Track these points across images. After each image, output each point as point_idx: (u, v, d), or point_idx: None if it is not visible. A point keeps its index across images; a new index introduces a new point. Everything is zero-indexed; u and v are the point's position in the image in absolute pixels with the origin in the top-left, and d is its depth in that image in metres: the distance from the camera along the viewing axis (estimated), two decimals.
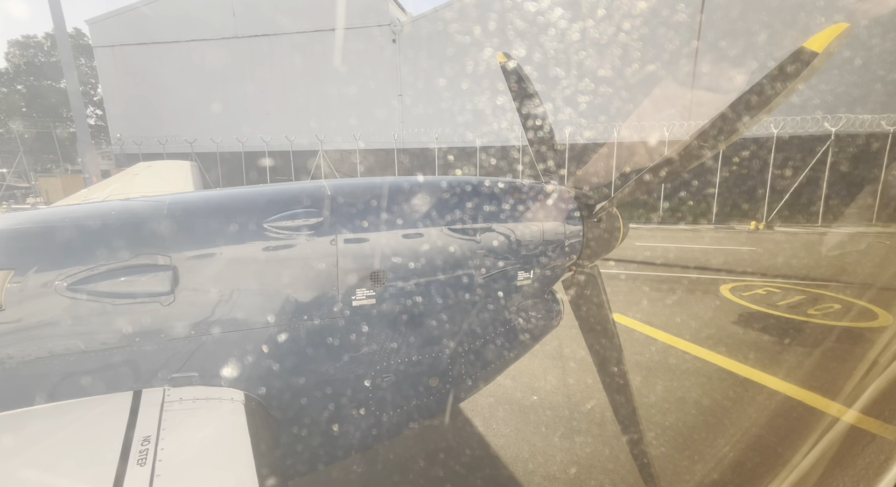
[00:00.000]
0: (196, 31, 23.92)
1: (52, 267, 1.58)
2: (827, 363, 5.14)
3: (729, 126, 1.74)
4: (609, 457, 3.59)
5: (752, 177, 17.40)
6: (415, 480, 3.44)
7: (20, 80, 37.69)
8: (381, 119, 22.27)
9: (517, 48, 19.36)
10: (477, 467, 3.55)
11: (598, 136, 18.77)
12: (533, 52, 19.18)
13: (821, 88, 16.14)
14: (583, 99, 19.34)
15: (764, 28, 16.96)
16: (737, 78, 17.02)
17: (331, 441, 2.03)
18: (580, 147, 18.89)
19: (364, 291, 1.93)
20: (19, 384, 1.57)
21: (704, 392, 4.52)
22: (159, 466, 1.22)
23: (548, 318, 2.44)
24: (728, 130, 1.75)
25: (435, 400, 2.19)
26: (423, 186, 2.16)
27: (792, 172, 16.64)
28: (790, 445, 3.58)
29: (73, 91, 15.41)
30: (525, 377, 4.95)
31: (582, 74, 19.22)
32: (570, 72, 19.09)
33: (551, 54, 19.00)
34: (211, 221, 1.81)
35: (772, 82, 1.59)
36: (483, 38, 20.18)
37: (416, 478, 3.45)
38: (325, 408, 1.95)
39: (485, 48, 20.21)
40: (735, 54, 17.44)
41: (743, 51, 17.40)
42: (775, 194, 16.73)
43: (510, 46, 19.64)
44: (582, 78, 19.26)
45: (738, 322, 6.42)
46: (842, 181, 16.47)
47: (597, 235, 2.40)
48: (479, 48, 20.27)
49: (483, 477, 3.45)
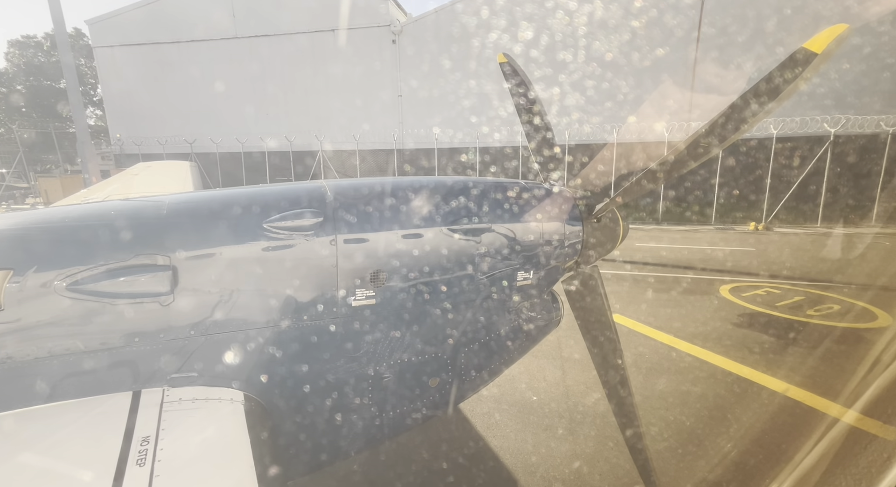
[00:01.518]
0: (196, 31, 23.91)
1: (51, 267, 1.58)
2: (827, 363, 5.14)
3: (728, 127, 1.74)
4: (608, 456, 3.59)
5: (752, 178, 17.41)
6: (414, 480, 3.44)
7: (20, 80, 37.68)
8: (380, 119, 22.29)
9: (517, 49, 19.38)
10: (477, 467, 3.55)
11: (597, 136, 18.78)
12: (533, 53, 19.19)
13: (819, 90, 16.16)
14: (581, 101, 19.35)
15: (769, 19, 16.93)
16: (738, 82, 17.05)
17: (330, 442, 2.02)
18: (580, 148, 18.90)
19: (364, 291, 1.92)
20: (18, 385, 1.57)
21: (704, 393, 4.52)
22: (158, 466, 1.22)
23: (547, 318, 2.44)
24: (727, 131, 1.75)
25: (434, 400, 2.19)
26: (423, 186, 2.15)
27: (791, 173, 16.65)
28: (790, 446, 3.58)
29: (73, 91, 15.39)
30: (525, 377, 4.95)
31: (582, 76, 19.24)
32: (571, 72, 19.10)
33: (551, 54, 19.02)
34: (210, 221, 1.81)
35: (771, 83, 1.59)
36: (483, 39, 20.21)
37: (416, 478, 3.45)
38: (325, 408, 1.94)
39: (485, 49, 20.23)
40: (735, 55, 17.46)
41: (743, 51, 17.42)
42: (775, 194, 16.74)
43: (510, 47, 19.66)
44: (582, 79, 19.28)
45: (738, 323, 6.42)
46: (841, 182, 16.48)
47: (597, 235, 2.40)
48: (479, 49, 20.29)
49: (483, 478, 3.44)
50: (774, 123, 16.49)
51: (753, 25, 17.14)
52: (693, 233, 15.02)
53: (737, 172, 17.67)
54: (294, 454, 1.95)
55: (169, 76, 24.61)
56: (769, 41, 16.89)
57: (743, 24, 17.28)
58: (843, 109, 15.98)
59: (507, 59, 2.64)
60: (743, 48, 17.44)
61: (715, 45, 17.83)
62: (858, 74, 16.05)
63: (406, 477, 3.46)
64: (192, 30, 23.93)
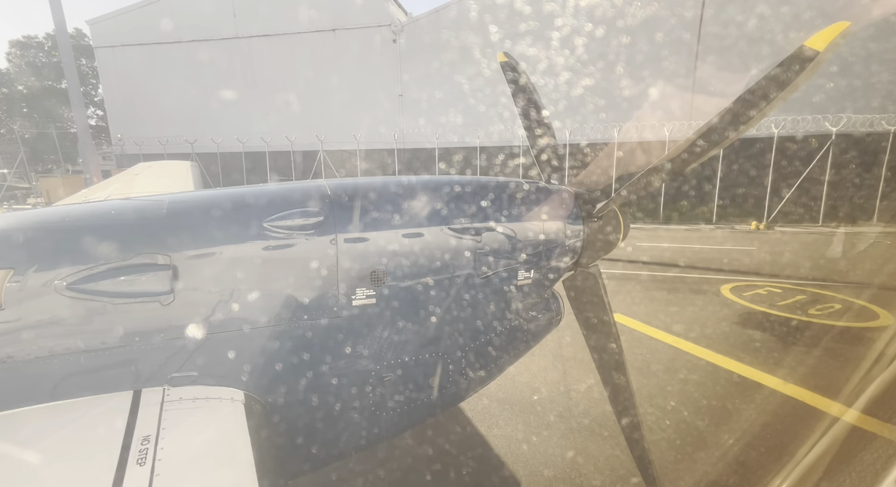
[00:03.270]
0: (197, 31, 23.94)
1: (51, 266, 1.58)
2: (828, 362, 5.13)
3: (730, 125, 1.74)
4: (610, 456, 3.59)
5: (753, 176, 17.38)
6: (414, 480, 3.44)
7: (21, 80, 37.74)
8: (381, 119, 22.29)
9: (518, 48, 19.36)
10: (476, 468, 3.55)
11: (598, 136, 18.76)
12: (534, 52, 19.17)
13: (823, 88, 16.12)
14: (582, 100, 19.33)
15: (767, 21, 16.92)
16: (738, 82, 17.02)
17: (330, 441, 2.02)
18: (580, 147, 18.89)
19: (364, 290, 1.92)
20: (19, 384, 1.57)
21: (705, 392, 4.52)
22: (159, 466, 1.22)
23: (548, 317, 2.44)
24: (729, 130, 1.75)
25: (435, 400, 2.19)
26: (424, 185, 2.15)
27: (792, 172, 16.62)
28: (791, 445, 3.58)
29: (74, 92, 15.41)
30: (524, 376, 4.95)
31: (582, 75, 19.22)
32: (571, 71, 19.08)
33: (552, 53, 19.00)
34: (211, 220, 1.81)
35: (772, 82, 1.58)
36: (483, 38, 20.18)
37: (416, 478, 3.45)
38: (325, 407, 1.94)
39: (485, 48, 20.21)
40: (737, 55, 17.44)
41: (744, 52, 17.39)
42: (776, 193, 16.71)
43: (511, 46, 19.64)
44: (582, 78, 19.25)
45: (739, 322, 6.42)
46: (842, 181, 16.45)
47: (597, 234, 2.40)
48: (480, 48, 20.27)
49: (483, 479, 3.44)
50: (776, 121, 16.46)
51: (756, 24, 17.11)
52: (694, 232, 15.00)
53: (738, 171, 17.64)
54: (294, 453, 1.95)
55: (170, 76, 24.63)
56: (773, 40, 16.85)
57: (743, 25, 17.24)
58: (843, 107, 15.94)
59: (507, 58, 2.64)
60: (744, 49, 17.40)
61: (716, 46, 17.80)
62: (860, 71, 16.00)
63: (406, 477, 3.46)
64: (192, 30, 23.95)
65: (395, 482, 3.41)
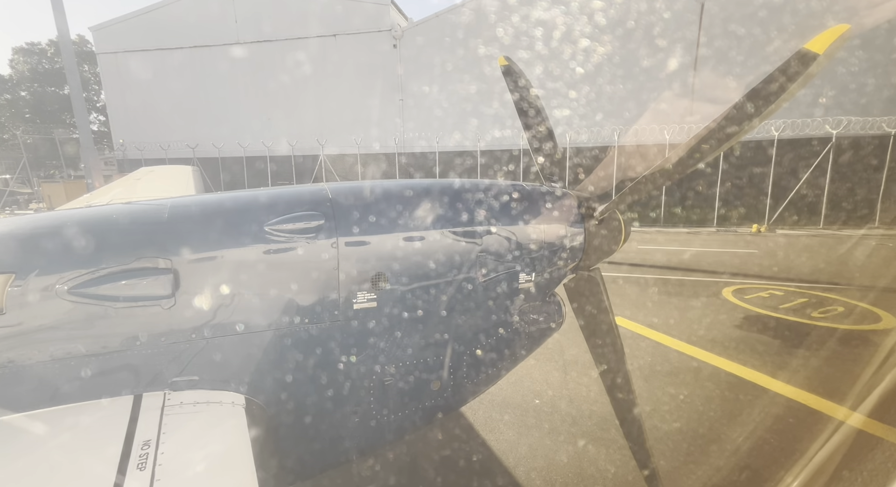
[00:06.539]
0: (198, 37, 24.10)
1: (53, 270, 1.58)
2: (831, 365, 5.10)
3: (730, 129, 1.74)
4: (611, 459, 3.56)
5: (754, 180, 17.37)
6: (416, 483, 3.42)
7: (24, 86, 37.98)
8: (381, 123, 22.37)
9: (518, 52, 19.44)
10: (477, 469, 3.53)
11: (599, 140, 18.79)
12: (534, 56, 19.25)
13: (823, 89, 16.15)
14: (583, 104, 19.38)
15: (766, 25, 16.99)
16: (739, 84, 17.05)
17: (332, 445, 2.01)
18: (582, 151, 18.92)
19: (365, 294, 1.92)
20: (20, 388, 1.57)
21: (708, 396, 4.49)
22: (159, 470, 1.21)
23: (549, 321, 2.43)
24: (728, 133, 1.75)
25: (436, 403, 2.18)
26: (424, 188, 2.15)
27: (793, 175, 16.61)
28: (796, 449, 3.55)
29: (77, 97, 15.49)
30: (525, 381, 4.93)
31: (583, 80, 19.29)
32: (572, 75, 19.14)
33: (552, 58, 19.07)
34: (212, 224, 1.81)
35: (772, 85, 1.58)
36: (484, 43, 20.28)
37: (417, 482, 3.43)
38: (326, 412, 1.94)
39: (486, 53, 20.30)
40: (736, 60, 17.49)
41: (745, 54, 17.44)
42: (777, 196, 16.70)
43: (511, 51, 19.72)
44: (583, 82, 19.32)
45: (742, 326, 6.39)
46: (843, 184, 16.43)
47: (599, 237, 2.39)
48: (480, 53, 20.36)
49: (483, 481, 3.42)
50: (776, 124, 16.47)
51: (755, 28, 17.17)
52: (695, 235, 14.98)
53: (738, 174, 17.64)
54: (295, 457, 1.94)
55: (171, 82, 24.77)
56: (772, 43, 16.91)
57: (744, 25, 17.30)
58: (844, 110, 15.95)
59: (507, 62, 2.64)
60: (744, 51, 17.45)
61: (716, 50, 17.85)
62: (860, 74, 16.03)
63: (407, 481, 3.44)
64: (194, 36, 24.11)
65: (396, 485, 3.39)
